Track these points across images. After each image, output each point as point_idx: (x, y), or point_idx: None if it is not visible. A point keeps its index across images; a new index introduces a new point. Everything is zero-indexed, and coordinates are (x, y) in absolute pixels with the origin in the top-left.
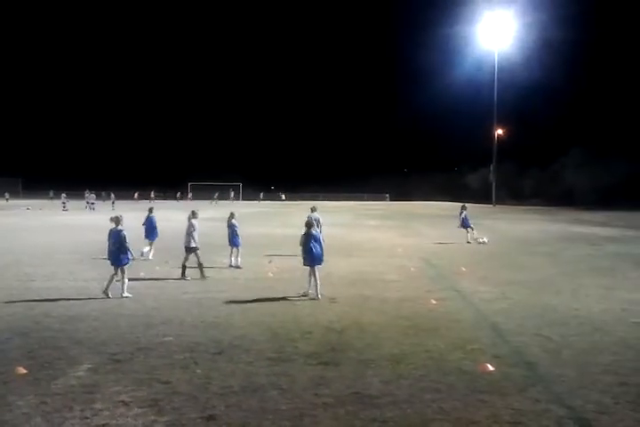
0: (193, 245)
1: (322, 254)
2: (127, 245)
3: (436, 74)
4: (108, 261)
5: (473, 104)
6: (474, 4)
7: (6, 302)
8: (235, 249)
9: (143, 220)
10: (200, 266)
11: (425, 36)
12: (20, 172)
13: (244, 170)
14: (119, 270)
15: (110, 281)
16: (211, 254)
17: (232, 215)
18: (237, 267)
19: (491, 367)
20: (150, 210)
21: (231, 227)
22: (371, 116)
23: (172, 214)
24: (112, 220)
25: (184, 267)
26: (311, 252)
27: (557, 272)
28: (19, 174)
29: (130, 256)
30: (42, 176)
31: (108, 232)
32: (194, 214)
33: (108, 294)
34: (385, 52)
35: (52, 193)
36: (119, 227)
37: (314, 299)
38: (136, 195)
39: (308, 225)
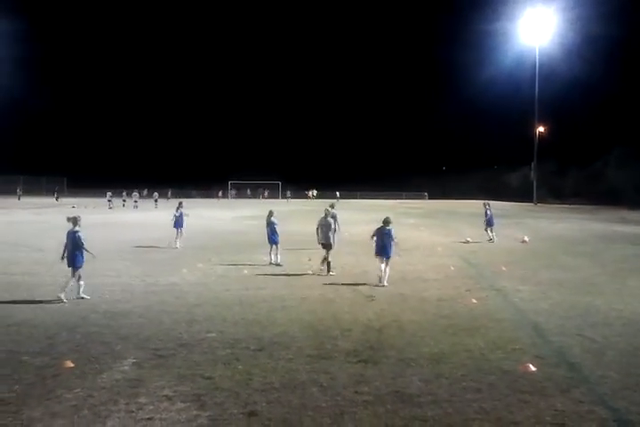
0: (330, 241)
1: (390, 249)
2: (83, 247)
3: (475, 71)
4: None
5: (513, 101)
6: (515, 1)
7: (55, 298)
8: (274, 246)
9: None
10: (328, 263)
11: (465, 32)
12: (64, 170)
13: (282, 169)
14: (75, 272)
15: (67, 283)
16: (250, 252)
17: (271, 213)
18: (277, 264)
19: (532, 368)
20: (179, 204)
21: (270, 225)
22: (409, 114)
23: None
24: (69, 220)
25: (328, 263)
26: (383, 245)
27: (600, 272)
28: (63, 173)
29: (82, 260)
30: (85, 175)
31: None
32: (330, 212)
33: (62, 298)
34: (425, 49)
35: (125, 194)
36: (76, 228)
37: (378, 285)
38: (220, 193)
39: (386, 222)
